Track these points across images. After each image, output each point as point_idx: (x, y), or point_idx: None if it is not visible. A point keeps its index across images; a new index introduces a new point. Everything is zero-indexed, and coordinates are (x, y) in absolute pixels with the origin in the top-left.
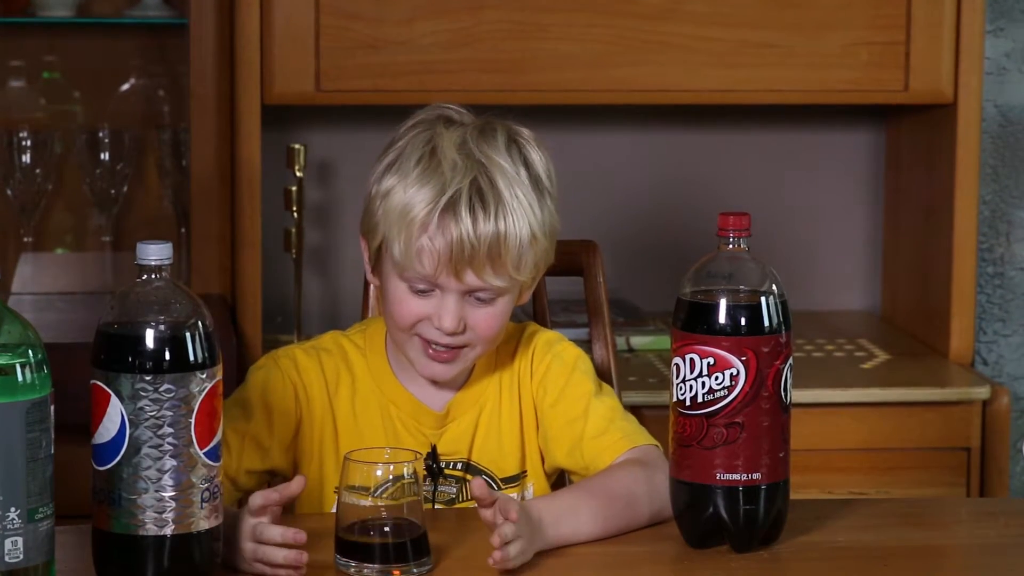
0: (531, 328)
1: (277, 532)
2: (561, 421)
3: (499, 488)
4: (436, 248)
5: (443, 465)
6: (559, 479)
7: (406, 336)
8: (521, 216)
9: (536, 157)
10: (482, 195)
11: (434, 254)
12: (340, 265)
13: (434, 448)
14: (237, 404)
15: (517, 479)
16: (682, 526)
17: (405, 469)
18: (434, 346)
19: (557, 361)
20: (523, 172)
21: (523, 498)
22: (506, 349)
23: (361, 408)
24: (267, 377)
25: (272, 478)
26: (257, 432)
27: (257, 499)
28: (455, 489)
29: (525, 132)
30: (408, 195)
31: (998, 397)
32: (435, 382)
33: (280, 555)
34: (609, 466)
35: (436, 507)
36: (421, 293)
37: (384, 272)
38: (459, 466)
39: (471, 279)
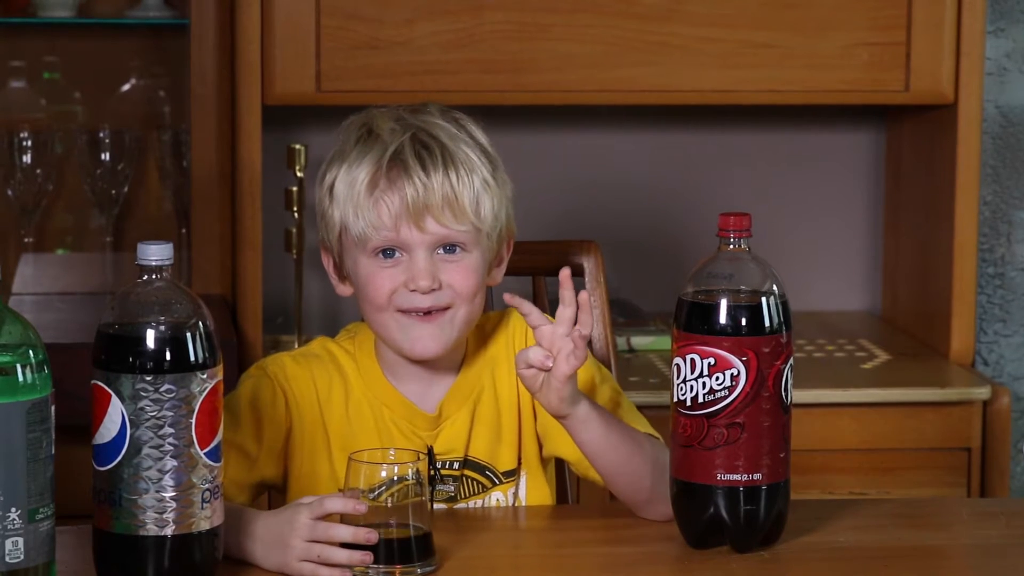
0: (517, 313)
1: (347, 532)
2: None
3: (499, 482)
4: (392, 200)
5: (440, 466)
6: (552, 472)
7: (386, 316)
8: (468, 161)
9: (474, 128)
10: (426, 145)
11: (392, 206)
12: None
13: (430, 451)
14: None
15: (514, 473)
16: (682, 526)
17: (409, 470)
18: (415, 313)
19: None
20: (463, 134)
21: (516, 493)
22: (495, 337)
23: (355, 413)
24: (256, 386)
25: (262, 492)
26: (243, 442)
27: (333, 505)
28: (453, 488)
29: (459, 113)
30: (352, 170)
31: (999, 397)
32: (426, 363)
33: (343, 556)
34: None
35: (435, 506)
36: (389, 261)
37: (351, 264)
38: (456, 465)
39: (433, 226)
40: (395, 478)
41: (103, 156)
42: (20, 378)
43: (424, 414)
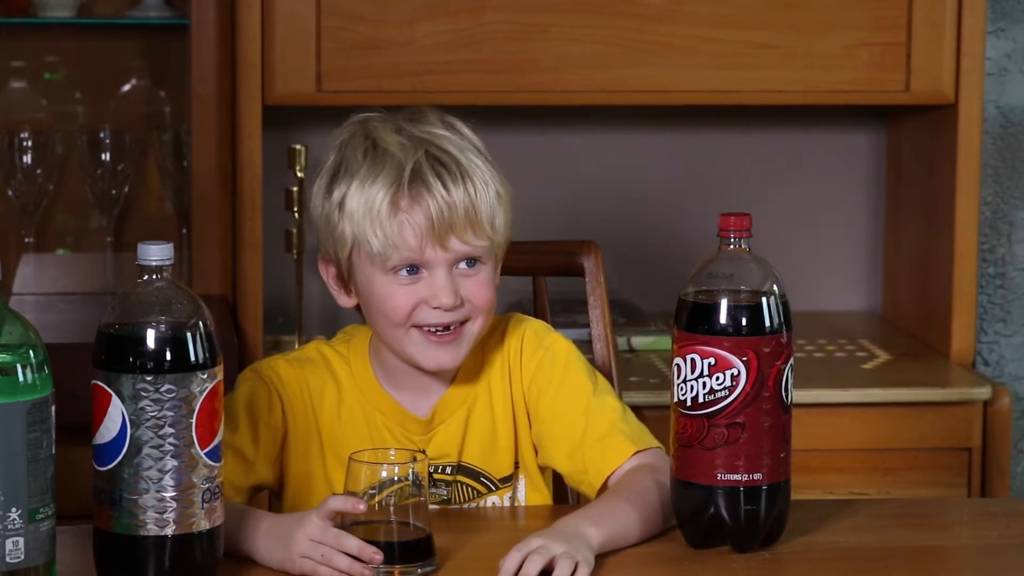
0: (515, 318)
1: (355, 545)
2: (559, 422)
3: (495, 488)
4: (416, 221)
5: (432, 470)
6: (550, 474)
7: (403, 332)
8: (482, 175)
9: (469, 132)
10: (441, 162)
11: (416, 227)
12: None
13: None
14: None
15: (510, 479)
16: (683, 526)
17: (410, 470)
18: (436, 330)
19: (548, 356)
20: (466, 141)
21: (514, 498)
22: (492, 342)
23: (347, 417)
24: (252, 389)
25: (258, 494)
26: (241, 445)
27: (335, 503)
28: (447, 492)
29: (451, 116)
30: (367, 190)
31: (999, 397)
32: (425, 371)
33: (345, 563)
34: (629, 472)
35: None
36: (409, 279)
37: (363, 280)
38: (449, 470)
39: (456, 245)
40: (395, 478)
41: (104, 156)
42: (20, 378)
43: (416, 418)
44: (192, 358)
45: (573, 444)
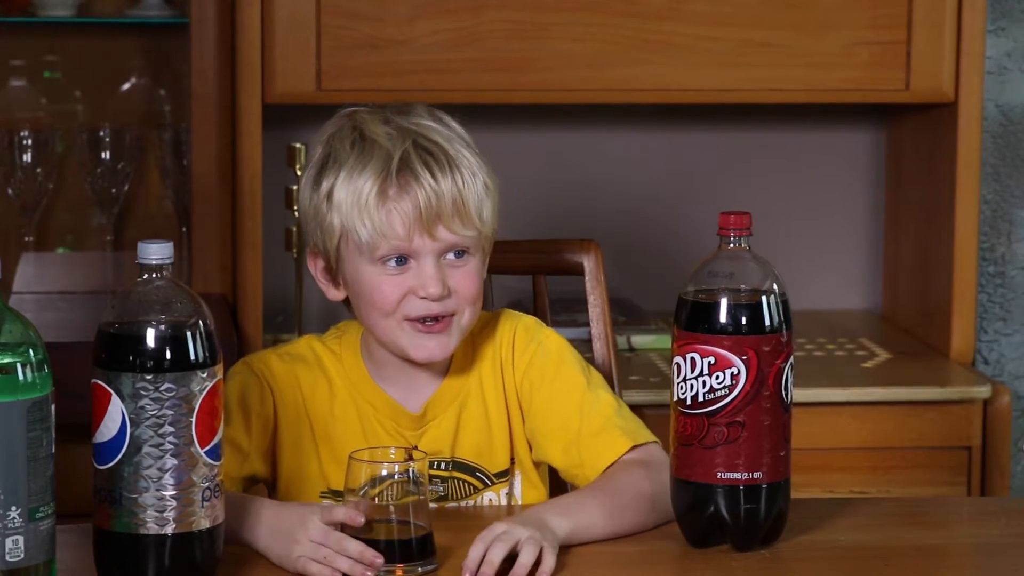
0: (506, 314)
1: (356, 549)
2: (554, 418)
3: (491, 483)
4: (404, 210)
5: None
6: (546, 470)
7: (393, 324)
8: (469, 165)
9: (456, 125)
10: (429, 151)
11: (404, 215)
12: None
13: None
14: None
15: (506, 474)
16: (683, 525)
17: (410, 468)
18: (424, 321)
19: (541, 351)
20: (453, 133)
21: (510, 493)
22: (483, 337)
23: (340, 413)
24: (244, 383)
25: (252, 486)
26: (235, 436)
27: (339, 514)
28: (442, 488)
29: (440, 111)
30: (355, 179)
31: (999, 396)
32: (416, 365)
33: (346, 564)
34: (611, 466)
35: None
36: (397, 269)
37: (351, 271)
38: (443, 466)
39: (444, 234)
40: (395, 475)
41: (103, 155)
42: (20, 377)
43: (409, 413)
44: (192, 357)
45: (569, 439)
